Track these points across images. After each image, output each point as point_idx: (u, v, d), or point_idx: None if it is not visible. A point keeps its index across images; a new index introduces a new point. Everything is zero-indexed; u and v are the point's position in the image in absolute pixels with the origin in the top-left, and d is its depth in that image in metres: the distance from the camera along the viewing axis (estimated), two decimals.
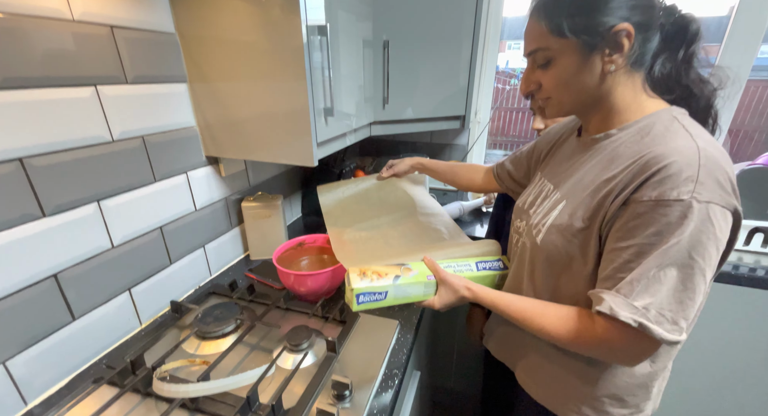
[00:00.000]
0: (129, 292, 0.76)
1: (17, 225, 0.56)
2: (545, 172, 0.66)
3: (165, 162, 0.80)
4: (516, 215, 0.68)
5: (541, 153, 0.72)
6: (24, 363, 0.59)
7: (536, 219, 0.59)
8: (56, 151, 0.60)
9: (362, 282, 0.62)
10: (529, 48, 0.53)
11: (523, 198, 0.68)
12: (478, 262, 0.71)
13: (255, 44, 0.76)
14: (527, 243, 0.60)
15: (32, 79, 0.56)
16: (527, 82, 0.56)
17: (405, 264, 0.66)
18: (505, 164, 0.83)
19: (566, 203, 0.54)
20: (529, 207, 0.64)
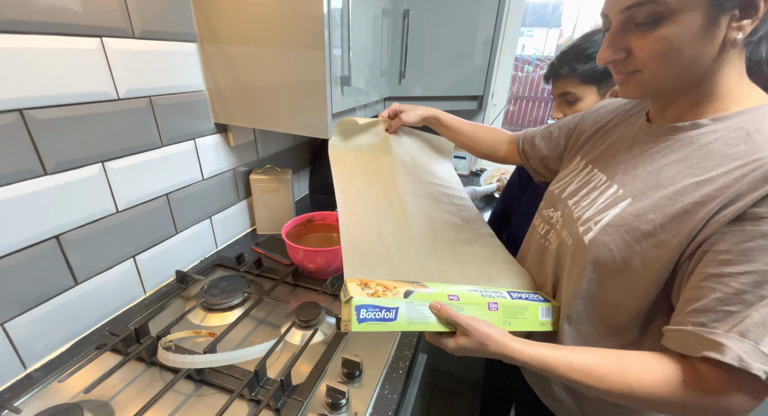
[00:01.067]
0: (134, 259, 0.73)
1: (17, 180, 0.53)
2: (591, 159, 0.57)
3: (172, 126, 0.76)
4: (548, 203, 0.61)
5: (583, 134, 0.62)
6: (23, 325, 0.57)
7: (583, 213, 0.50)
8: (59, 105, 0.56)
9: (364, 291, 0.45)
10: (627, 1, 0.40)
11: (560, 185, 0.59)
12: (511, 291, 0.55)
13: (273, 5, 0.71)
14: (567, 240, 0.52)
15: (35, 24, 0.51)
16: (613, 47, 0.43)
17: (418, 282, 0.51)
18: (535, 139, 0.71)
19: (631, 201, 0.45)
20: (569, 196, 0.55)
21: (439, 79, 1.29)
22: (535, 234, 0.62)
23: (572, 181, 0.57)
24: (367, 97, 1.00)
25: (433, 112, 0.78)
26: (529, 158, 0.73)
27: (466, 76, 1.33)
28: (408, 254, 0.58)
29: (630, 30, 0.42)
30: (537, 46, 11.76)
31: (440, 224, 0.70)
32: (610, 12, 0.43)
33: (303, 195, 1.37)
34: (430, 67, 1.25)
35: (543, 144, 0.70)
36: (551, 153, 0.68)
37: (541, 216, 0.62)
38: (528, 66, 4.95)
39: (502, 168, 1.55)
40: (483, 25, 1.26)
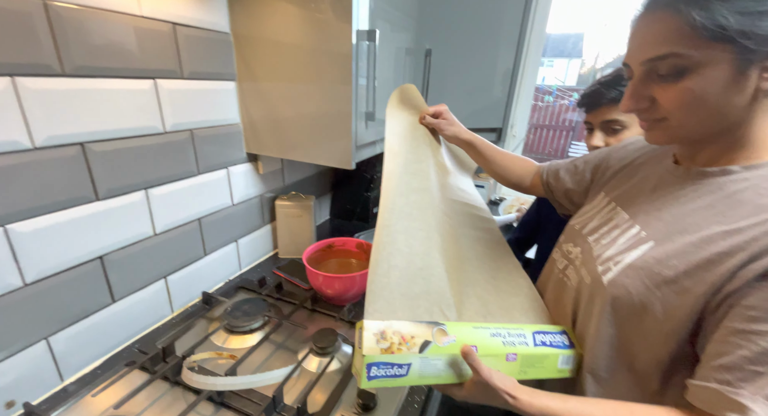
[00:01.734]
0: (165, 280, 0.78)
1: (73, 205, 0.59)
2: (615, 196, 0.56)
3: (209, 156, 0.82)
4: (568, 237, 0.60)
5: (609, 170, 0.61)
6: (65, 340, 0.61)
7: (603, 251, 0.49)
8: (114, 138, 0.62)
9: (378, 345, 0.44)
10: (650, 52, 0.40)
11: (581, 219, 0.59)
12: (536, 333, 0.53)
13: (304, 46, 0.78)
14: (585, 279, 0.51)
15: (101, 69, 0.59)
16: (636, 98, 0.43)
17: (439, 324, 0.49)
18: (559, 173, 0.70)
19: (654, 245, 0.44)
20: (590, 233, 0.55)
21: (459, 112, 1.32)
22: (553, 268, 0.61)
23: (594, 216, 0.57)
24: None
25: (471, 137, 0.76)
26: (554, 191, 0.71)
27: (485, 108, 1.37)
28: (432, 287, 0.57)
29: (653, 80, 0.41)
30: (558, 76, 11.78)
31: (467, 250, 0.68)
32: (631, 62, 0.43)
33: (324, 219, 1.41)
34: (451, 100, 1.29)
35: (568, 177, 0.68)
36: (576, 187, 0.67)
37: (560, 250, 0.61)
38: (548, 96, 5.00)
39: (522, 198, 1.55)
40: (503, 59, 1.31)
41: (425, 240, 0.58)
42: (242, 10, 0.79)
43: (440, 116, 0.76)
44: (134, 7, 0.61)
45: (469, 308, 0.58)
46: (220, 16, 0.78)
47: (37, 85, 0.52)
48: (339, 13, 0.72)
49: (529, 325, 0.55)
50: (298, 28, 0.77)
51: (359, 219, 1.41)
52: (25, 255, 0.54)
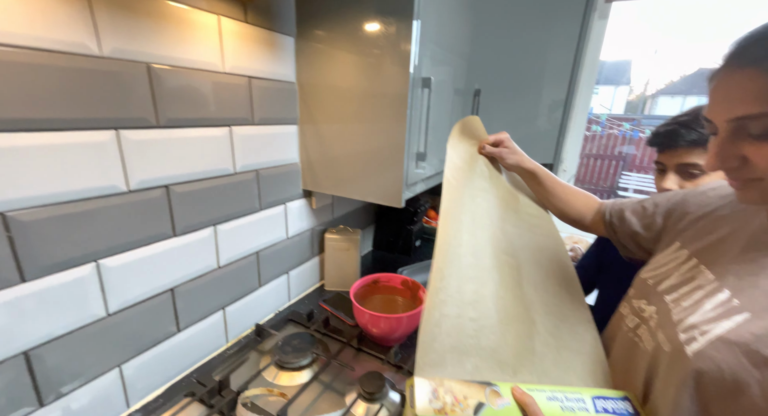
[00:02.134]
0: (223, 311, 0.81)
1: (155, 241, 0.64)
2: (695, 250, 0.51)
3: (270, 193, 0.87)
4: (640, 292, 0.55)
5: (686, 217, 0.55)
6: (134, 367, 0.65)
7: (686, 316, 0.45)
8: (193, 181, 0.68)
9: (431, 405, 0.43)
10: (739, 111, 0.38)
11: (656, 274, 0.54)
12: (596, 398, 0.49)
13: (361, 90, 0.82)
14: (663, 345, 0.46)
15: (187, 120, 0.65)
16: (723, 157, 0.40)
17: (492, 385, 0.47)
18: (624, 213, 0.64)
19: (751, 317, 0.40)
20: (667, 291, 0.50)
21: None
22: (621, 325, 0.56)
23: (671, 273, 0.52)
24: (436, 166, 1.06)
25: (533, 167, 0.71)
26: (617, 232, 0.65)
27: (535, 144, 1.35)
28: (483, 341, 0.54)
29: (743, 138, 0.38)
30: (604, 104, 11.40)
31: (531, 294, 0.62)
32: (714, 118, 0.40)
33: (367, 251, 1.43)
34: None
35: (635, 219, 0.62)
36: (645, 232, 0.61)
37: (630, 306, 0.55)
38: (596, 126, 4.83)
39: (575, 236, 1.48)
40: (554, 90, 1.30)
41: (480, 288, 0.56)
42: (307, 62, 0.86)
43: (501, 144, 0.72)
44: (219, 65, 0.69)
45: (525, 365, 0.54)
46: (289, 67, 0.85)
47: (136, 137, 0.59)
48: (396, 60, 0.76)
49: (587, 389, 0.50)
50: (356, 73, 0.81)
51: (401, 253, 1.41)
52: (111, 288, 0.59)
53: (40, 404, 0.54)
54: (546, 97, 1.31)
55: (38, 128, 0.48)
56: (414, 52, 0.76)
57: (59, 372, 0.55)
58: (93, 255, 0.56)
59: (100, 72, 0.53)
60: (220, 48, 0.68)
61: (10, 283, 0.48)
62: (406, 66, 0.76)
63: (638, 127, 4.87)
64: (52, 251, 0.51)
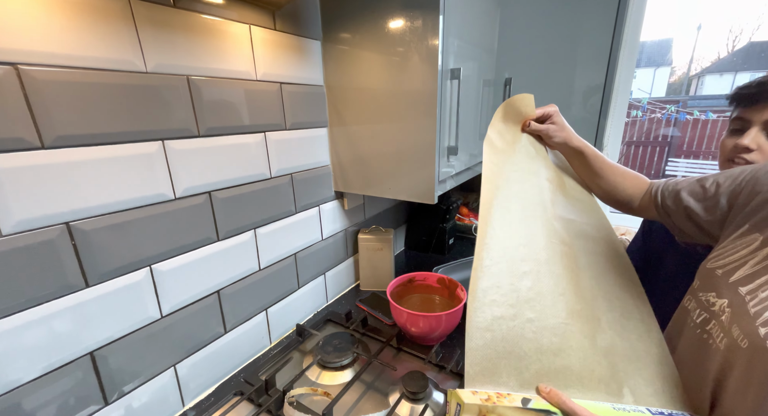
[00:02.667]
0: (266, 312, 0.84)
1: (201, 246, 0.67)
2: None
3: (305, 196, 0.89)
4: (707, 284, 0.50)
5: (755, 196, 0.49)
6: (188, 367, 0.68)
7: (766, 309, 0.41)
8: (232, 187, 0.71)
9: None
10: None
11: (725, 264, 0.49)
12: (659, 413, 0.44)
13: (389, 89, 0.82)
14: (740, 341, 0.42)
15: (225, 128, 0.68)
16: None
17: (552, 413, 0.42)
18: (681, 194, 0.57)
19: None
20: (741, 282, 0.45)
21: None
22: (687, 320, 0.51)
23: (744, 262, 0.46)
24: (467, 161, 1.03)
25: (581, 145, 0.65)
26: (672, 215, 0.59)
27: (575, 129, 1.29)
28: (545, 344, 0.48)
29: None
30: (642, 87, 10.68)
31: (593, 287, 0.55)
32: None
33: (399, 251, 1.42)
34: None
35: (693, 201, 0.56)
36: (707, 215, 0.54)
37: (696, 299, 0.50)
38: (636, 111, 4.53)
39: (622, 227, 1.39)
40: (592, 75, 1.23)
41: (536, 283, 0.50)
42: (334, 64, 0.87)
43: (548, 120, 0.66)
44: (251, 73, 0.71)
45: (595, 370, 0.48)
46: (316, 71, 0.86)
47: (180, 146, 0.62)
48: (424, 57, 0.75)
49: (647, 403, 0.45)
50: (383, 73, 0.81)
51: (435, 251, 1.39)
52: (164, 291, 0.63)
53: (105, 402, 0.57)
54: (580, 83, 1.25)
55: (93, 143, 0.51)
56: (441, 47, 0.75)
57: (121, 372, 0.59)
58: (147, 261, 0.60)
59: (145, 87, 0.56)
60: (252, 56, 0.70)
61: (75, 288, 0.52)
62: (434, 62, 0.75)
63: (684, 108, 4.51)
64: (110, 257, 0.55)
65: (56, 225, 0.49)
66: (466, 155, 1.04)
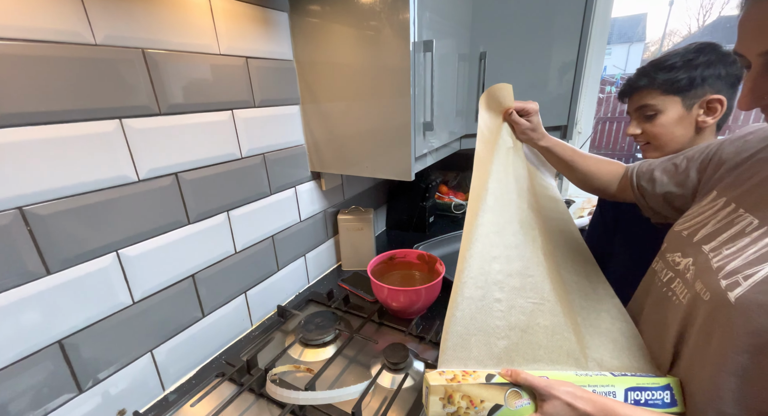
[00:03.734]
0: (245, 295, 0.83)
1: (171, 230, 0.65)
2: (736, 196, 0.48)
3: (279, 176, 0.87)
4: (673, 245, 0.52)
5: (722, 165, 0.53)
6: (166, 352, 0.67)
7: (727, 263, 0.43)
8: (201, 167, 0.68)
9: (444, 410, 0.44)
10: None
11: (690, 225, 0.51)
12: (630, 390, 0.46)
13: (361, 65, 0.80)
14: (703, 294, 0.44)
15: (188, 105, 0.65)
16: (759, 93, 0.38)
17: (514, 386, 0.46)
18: (654, 173, 0.61)
19: None
20: (704, 240, 0.47)
21: None
22: (655, 280, 0.54)
23: (707, 221, 0.49)
24: (445, 138, 1.03)
25: (550, 143, 0.70)
26: (646, 195, 0.62)
27: (547, 106, 1.29)
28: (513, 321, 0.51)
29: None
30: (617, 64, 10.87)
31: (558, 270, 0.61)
32: (746, 53, 0.38)
33: (380, 231, 1.43)
34: None
35: (666, 178, 0.59)
36: (679, 189, 0.58)
37: (663, 260, 0.53)
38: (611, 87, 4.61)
39: (593, 199, 1.44)
40: (564, 51, 1.23)
41: (505, 266, 0.54)
42: (303, 38, 0.83)
43: (527, 116, 0.69)
44: (214, 46, 0.67)
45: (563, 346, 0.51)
46: (285, 45, 0.83)
47: (140, 125, 0.58)
48: (396, 29, 0.73)
49: (623, 379, 0.48)
50: (355, 47, 0.79)
51: (416, 230, 1.40)
52: (134, 277, 0.61)
53: (79, 390, 0.56)
54: (556, 60, 1.25)
55: (41, 121, 0.48)
56: (413, 19, 0.72)
57: (94, 359, 0.57)
58: (113, 246, 0.57)
59: (96, 60, 0.52)
60: (214, 28, 0.67)
61: (36, 276, 0.49)
62: (406, 34, 0.73)
63: None
64: (72, 243, 0.52)
65: (8, 211, 0.46)
66: (445, 132, 1.03)
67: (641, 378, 0.48)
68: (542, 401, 0.44)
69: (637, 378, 0.48)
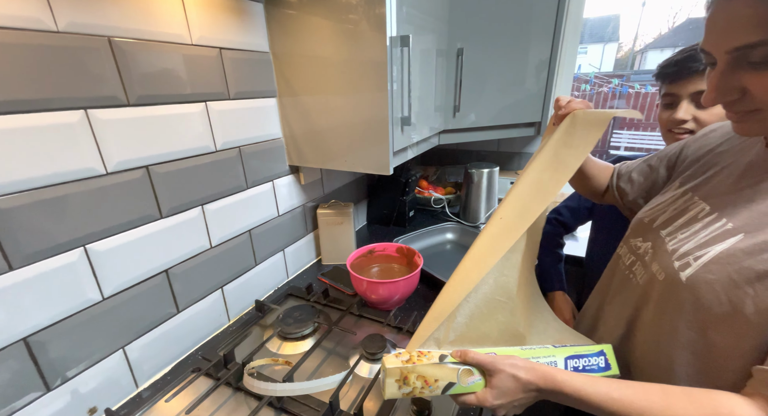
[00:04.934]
0: (222, 290, 0.82)
1: (142, 224, 0.64)
2: (692, 186, 0.51)
3: (256, 170, 0.86)
4: (635, 231, 0.56)
5: (685, 160, 0.56)
6: (138, 349, 0.66)
7: (680, 246, 0.46)
8: (174, 160, 0.67)
9: (400, 390, 0.46)
10: (739, 40, 0.36)
11: (651, 212, 0.55)
12: (569, 358, 0.50)
13: (338, 58, 0.80)
14: (658, 275, 0.47)
15: (159, 97, 0.63)
16: (723, 90, 0.39)
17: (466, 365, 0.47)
18: (632, 175, 0.65)
19: (744, 237, 0.41)
20: (662, 226, 0.51)
21: (495, 108, 1.30)
22: (619, 264, 0.57)
23: (666, 208, 0.53)
24: (424, 132, 1.04)
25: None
26: (624, 197, 0.66)
27: (522, 103, 1.33)
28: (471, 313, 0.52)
29: (743, 69, 0.37)
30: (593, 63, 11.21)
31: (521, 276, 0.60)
32: (713, 50, 0.39)
33: (361, 225, 1.43)
34: (486, 97, 1.27)
35: (642, 179, 0.64)
36: (652, 187, 0.62)
37: (627, 245, 0.57)
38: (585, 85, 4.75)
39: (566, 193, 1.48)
40: (538, 49, 1.27)
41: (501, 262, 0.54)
42: (279, 30, 0.82)
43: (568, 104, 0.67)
44: (186, 36, 0.66)
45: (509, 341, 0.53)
46: (260, 37, 0.81)
47: (106, 116, 0.57)
48: (372, 23, 0.73)
49: (563, 349, 0.51)
50: (332, 41, 0.78)
51: (396, 224, 1.42)
52: (103, 272, 0.59)
53: (47, 389, 0.54)
54: (531, 58, 1.28)
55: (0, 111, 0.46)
56: (390, 15, 0.73)
57: (62, 357, 0.56)
58: (80, 240, 0.56)
59: (59, 48, 0.50)
60: (185, 18, 0.65)
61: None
62: (382, 30, 0.73)
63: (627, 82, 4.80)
64: (36, 238, 0.51)
65: None
66: (425, 127, 1.04)
67: (578, 348, 0.52)
68: (490, 376, 0.46)
69: (574, 347, 0.52)
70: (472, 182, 1.38)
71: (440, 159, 1.85)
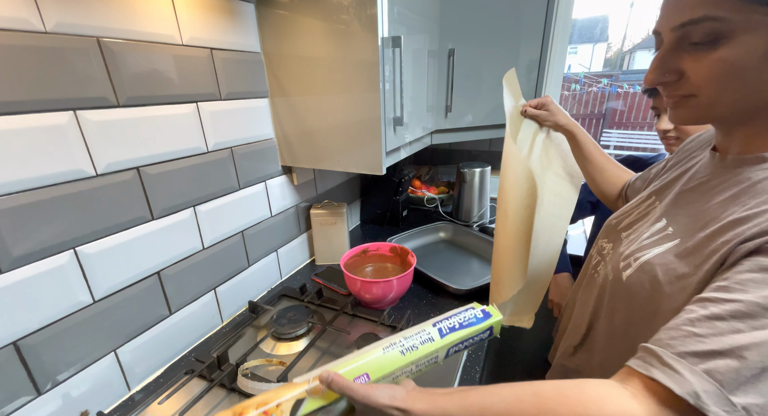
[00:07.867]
0: (214, 291, 0.82)
1: (133, 226, 0.63)
2: (656, 190, 0.53)
3: (248, 171, 0.85)
4: (604, 233, 0.58)
5: (666, 164, 0.58)
6: (130, 351, 0.66)
7: (628, 247, 0.47)
8: (165, 161, 0.67)
9: None
10: (684, 16, 0.35)
11: (619, 215, 0.57)
12: (436, 323, 0.46)
13: (330, 58, 0.80)
14: (609, 275, 0.49)
15: (149, 98, 0.63)
16: (663, 69, 0.39)
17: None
18: (636, 183, 0.66)
19: (679, 242, 0.41)
20: (624, 228, 0.53)
21: (487, 108, 1.32)
22: (589, 264, 0.60)
23: (632, 211, 0.55)
24: (416, 132, 1.05)
25: (572, 127, 0.74)
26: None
27: None
28: None
29: (684, 49, 0.37)
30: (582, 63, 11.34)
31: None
32: (662, 29, 0.39)
33: (355, 225, 1.43)
34: (477, 97, 1.29)
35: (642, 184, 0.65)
36: None
37: (597, 247, 0.59)
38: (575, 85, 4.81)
39: None
40: (528, 50, 1.28)
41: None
42: (271, 30, 0.82)
43: (543, 108, 0.77)
44: (176, 36, 0.65)
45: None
46: (252, 37, 0.81)
47: (96, 117, 0.56)
48: (364, 24, 0.74)
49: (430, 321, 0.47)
50: (324, 41, 0.79)
51: (389, 224, 1.42)
52: (94, 275, 0.59)
53: (37, 392, 0.54)
54: (522, 58, 1.30)
55: None
56: (382, 16, 0.73)
57: (53, 360, 0.55)
58: (70, 243, 0.55)
59: (47, 49, 0.49)
60: (175, 18, 0.65)
61: None
62: (374, 29, 0.74)
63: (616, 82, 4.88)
64: (24, 240, 0.50)
65: None
66: (418, 127, 1.05)
67: (446, 314, 0.48)
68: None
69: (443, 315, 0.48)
70: (465, 181, 1.39)
71: (433, 159, 1.87)
